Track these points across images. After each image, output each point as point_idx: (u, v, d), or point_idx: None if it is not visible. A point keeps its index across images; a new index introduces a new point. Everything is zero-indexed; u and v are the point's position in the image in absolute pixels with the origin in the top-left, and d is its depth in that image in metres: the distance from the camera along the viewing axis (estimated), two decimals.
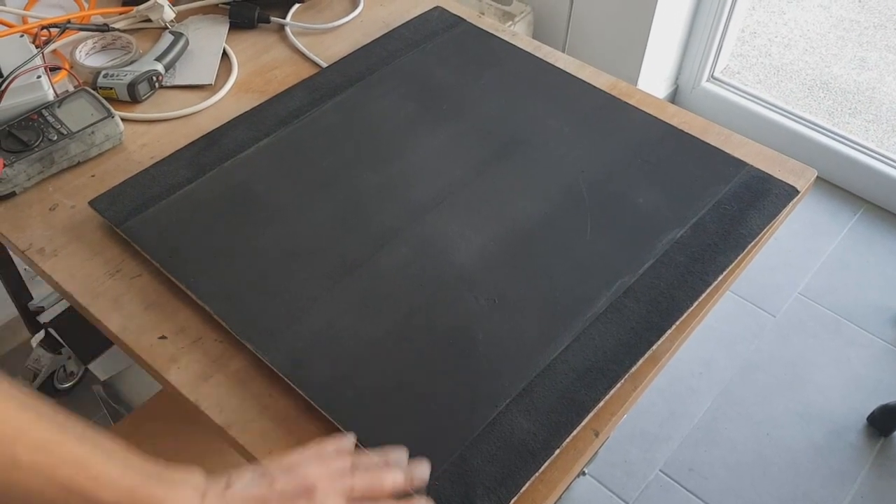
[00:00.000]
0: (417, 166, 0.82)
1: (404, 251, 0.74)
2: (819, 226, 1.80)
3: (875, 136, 2.06)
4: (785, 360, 1.54)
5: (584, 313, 0.69)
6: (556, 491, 0.60)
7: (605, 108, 0.89)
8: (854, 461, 1.39)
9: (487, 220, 0.77)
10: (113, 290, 0.72)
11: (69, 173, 0.83)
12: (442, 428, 0.61)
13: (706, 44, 1.87)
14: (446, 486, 0.58)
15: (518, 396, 0.63)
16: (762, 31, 2.40)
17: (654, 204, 0.78)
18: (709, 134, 0.88)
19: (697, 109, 1.98)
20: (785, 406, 1.47)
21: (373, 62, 0.95)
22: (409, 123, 0.87)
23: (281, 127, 0.86)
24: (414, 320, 0.68)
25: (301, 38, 1.02)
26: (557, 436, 0.61)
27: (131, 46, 0.96)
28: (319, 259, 0.73)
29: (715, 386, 1.50)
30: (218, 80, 0.95)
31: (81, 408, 1.44)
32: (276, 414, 0.64)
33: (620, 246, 0.74)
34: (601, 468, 1.38)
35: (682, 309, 0.69)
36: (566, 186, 0.80)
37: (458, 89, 0.91)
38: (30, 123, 0.81)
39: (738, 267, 0.75)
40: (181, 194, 0.79)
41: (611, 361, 0.65)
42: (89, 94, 0.86)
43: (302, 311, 0.69)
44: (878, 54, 2.33)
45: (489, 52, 0.96)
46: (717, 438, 1.42)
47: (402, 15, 1.05)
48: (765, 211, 0.78)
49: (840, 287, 1.67)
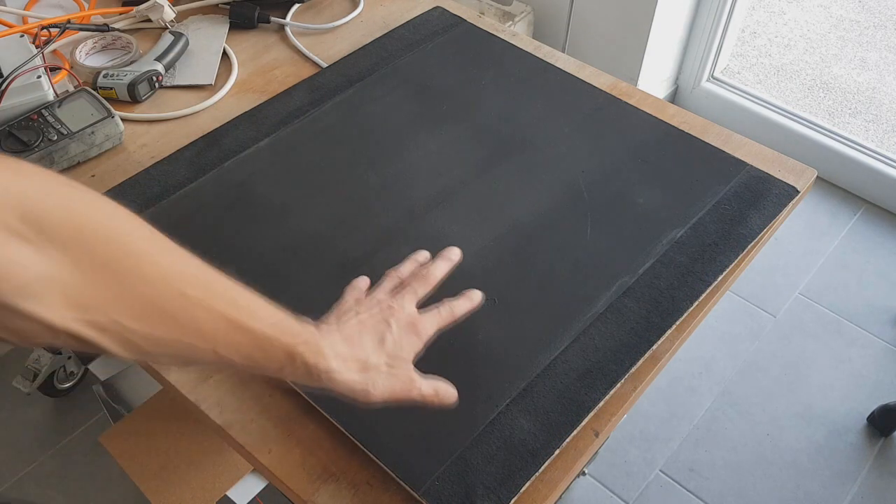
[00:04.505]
0: (417, 166, 0.82)
1: (404, 251, 0.73)
2: (819, 226, 1.80)
3: (875, 136, 2.06)
4: (785, 360, 1.54)
5: (584, 313, 0.69)
6: (556, 491, 0.60)
7: (606, 108, 0.89)
8: (854, 461, 1.40)
9: (487, 220, 0.77)
10: None
11: (69, 173, 0.83)
12: (442, 428, 0.61)
13: (706, 44, 1.87)
14: (446, 486, 0.58)
15: (518, 396, 0.63)
16: (762, 31, 2.40)
17: (654, 204, 0.78)
18: (709, 134, 0.88)
19: (697, 109, 1.98)
20: (785, 406, 1.47)
21: (373, 62, 0.95)
22: (409, 123, 0.87)
23: (281, 127, 0.86)
24: None
25: (301, 38, 1.02)
26: (557, 436, 0.61)
27: (131, 46, 0.96)
28: (320, 259, 0.73)
29: (715, 386, 1.50)
30: (218, 81, 0.95)
31: (81, 408, 1.44)
32: (276, 414, 0.64)
33: (620, 246, 0.74)
34: (601, 468, 1.38)
35: (682, 309, 0.69)
36: (566, 186, 0.80)
37: (458, 89, 0.91)
38: (30, 123, 0.81)
39: (737, 267, 0.75)
40: (181, 194, 0.79)
41: (611, 361, 0.65)
42: (89, 94, 0.86)
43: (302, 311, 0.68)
44: (878, 54, 2.33)
45: (489, 52, 0.96)
46: (717, 438, 1.42)
47: (402, 15, 1.05)
48: (765, 211, 0.78)
49: (840, 287, 1.67)
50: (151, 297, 0.41)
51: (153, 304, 0.41)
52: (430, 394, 0.55)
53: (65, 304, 0.37)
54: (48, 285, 0.36)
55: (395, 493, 0.59)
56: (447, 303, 0.59)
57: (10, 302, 0.35)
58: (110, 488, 1.33)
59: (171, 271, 0.42)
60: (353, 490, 0.59)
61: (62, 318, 0.37)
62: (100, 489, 1.34)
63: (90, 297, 0.38)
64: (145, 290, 0.40)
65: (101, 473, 1.35)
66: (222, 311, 0.44)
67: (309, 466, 0.61)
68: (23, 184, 0.36)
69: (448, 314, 0.59)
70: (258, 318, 0.46)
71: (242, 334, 0.45)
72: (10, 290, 0.35)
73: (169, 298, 0.41)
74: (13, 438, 1.41)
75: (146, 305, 0.40)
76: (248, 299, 0.47)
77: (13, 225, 0.35)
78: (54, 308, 0.37)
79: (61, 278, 0.37)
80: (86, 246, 0.38)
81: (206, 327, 0.43)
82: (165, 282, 0.42)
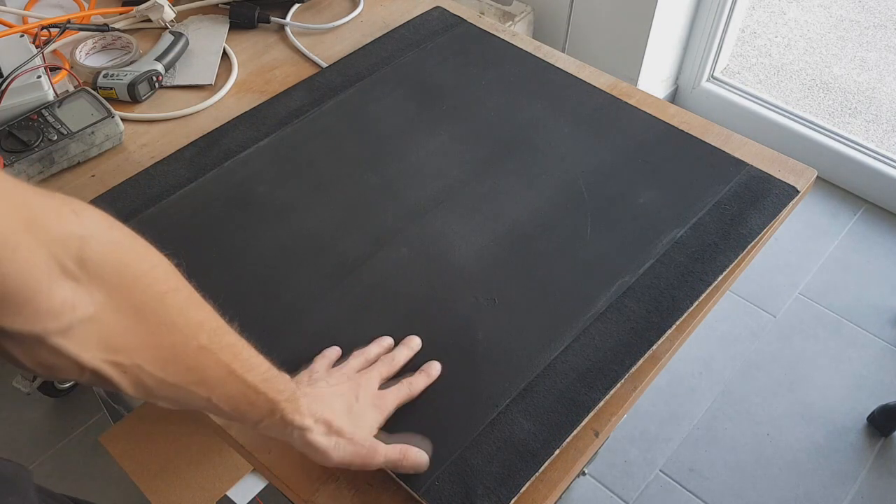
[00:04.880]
0: (417, 166, 0.82)
1: (404, 251, 0.74)
2: (819, 226, 1.80)
3: (875, 136, 2.06)
4: (785, 360, 1.54)
5: (584, 313, 0.69)
6: (556, 491, 0.60)
7: (606, 108, 0.89)
8: (854, 461, 1.40)
9: (487, 220, 0.77)
10: None
11: (69, 173, 0.83)
12: (442, 428, 0.61)
13: (706, 44, 1.87)
14: (446, 486, 0.58)
15: (518, 396, 0.63)
16: (762, 31, 2.40)
17: (654, 204, 0.78)
18: (709, 134, 0.88)
19: (697, 109, 1.98)
20: (785, 406, 1.47)
21: (373, 62, 0.95)
22: (409, 123, 0.87)
23: (281, 127, 0.86)
24: (414, 320, 0.68)
25: (301, 38, 1.02)
26: (557, 436, 0.61)
27: (131, 46, 0.96)
28: (320, 259, 0.73)
29: (715, 386, 1.50)
30: (218, 81, 0.95)
31: (81, 408, 1.45)
32: None
33: (620, 246, 0.74)
34: (601, 468, 1.38)
35: (682, 309, 0.69)
36: (566, 186, 0.80)
37: (458, 89, 0.91)
38: (30, 123, 0.81)
39: (738, 267, 0.75)
40: (181, 194, 0.79)
41: (611, 361, 0.65)
42: (89, 94, 0.86)
43: (302, 311, 0.69)
44: (878, 54, 2.33)
45: (489, 52, 0.96)
46: (717, 438, 1.42)
47: (402, 15, 1.05)
48: (765, 211, 0.78)
49: (840, 287, 1.67)
50: (174, 344, 0.43)
51: (174, 351, 0.43)
52: (397, 457, 0.57)
53: (98, 345, 0.39)
54: (89, 326, 0.38)
55: (395, 493, 0.59)
56: (406, 380, 0.62)
57: (53, 340, 0.37)
58: (110, 488, 1.33)
59: (194, 321, 0.44)
60: (353, 490, 0.59)
61: (92, 358, 0.39)
62: (100, 489, 1.34)
63: (122, 340, 0.40)
64: (170, 339, 0.43)
65: (101, 473, 1.35)
66: (227, 363, 0.46)
67: (309, 466, 0.61)
68: (82, 226, 0.38)
69: (406, 391, 0.61)
70: (254, 371, 0.48)
71: (238, 385, 0.47)
72: (56, 329, 0.37)
73: (189, 348, 0.44)
74: (13, 438, 1.41)
75: (167, 352, 0.42)
76: (247, 351, 0.49)
77: (69, 267, 0.36)
78: (89, 348, 0.39)
79: (101, 320, 0.39)
80: (127, 291, 0.40)
81: (210, 376, 0.45)
82: (189, 332, 0.44)
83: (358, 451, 0.55)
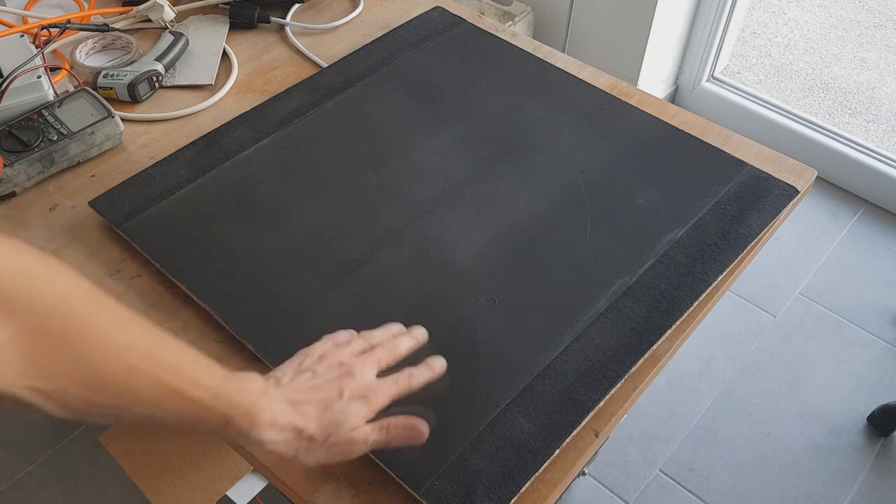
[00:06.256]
0: (417, 166, 0.82)
1: (404, 251, 0.74)
2: (819, 226, 1.80)
3: (875, 136, 2.06)
4: (785, 360, 1.54)
5: (584, 313, 0.69)
6: (556, 491, 0.60)
7: (605, 108, 0.89)
8: (854, 461, 1.40)
9: (487, 220, 0.77)
10: (113, 290, 0.72)
11: (69, 173, 0.83)
12: (442, 428, 0.61)
13: (706, 44, 1.87)
14: (446, 485, 0.58)
15: (518, 396, 0.63)
16: (762, 31, 2.40)
17: (654, 204, 0.78)
18: (709, 134, 0.88)
19: (697, 109, 1.98)
20: (785, 406, 1.47)
21: (373, 62, 0.95)
22: (409, 123, 0.87)
23: (281, 127, 0.86)
24: (414, 320, 0.68)
25: (301, 38, 1.02)
26: (557, 436, 0.61)
27: (131, 46, 0.96)
28: (320, 259, 0.73)
29: (715, 386, 1.50)
30: (218, 81, 0.95)
31: None
32: None
33: (620, 246, 0.74)
34: (601, 468, 1.38)
35: (682, 309, 0.69)
36: (566, 186, 0.80)
37: (458, 89, 0.91)
38: (30, 123, 0.81)
39: (738, 267, 0.75)
40: (181, 194, 0.79)
41: (611, 361, 0.65)
42: (89, 94, 0.86)
43: (302, 310, 0.69)
44: (878, 54, 2.33)
45: (489, 52, 0.96)
46: (717, 438, 1.42)
47: (402, 15, 1.05)
48: (765, 211, 0.78)
49: (840, 287, 1.67)
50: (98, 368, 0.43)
51: (99, 375, 0.43)
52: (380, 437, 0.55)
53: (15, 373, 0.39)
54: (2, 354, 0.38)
55: (395, 493, 0.59)
56: (407, 371, 0.59)
57: None
58: (110, 488, 1.33)
59: (119, 344, 0.44)
60: (353, 490, 0.59)
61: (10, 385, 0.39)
62: (100, 489, 1.34)
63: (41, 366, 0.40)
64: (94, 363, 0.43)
65: (101, 473, 1.35)
66: (166, 381, 0.46)
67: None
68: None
69: (406, 384, 0.58)
70: (201, 387, 0.47)
71: (182, 402, 0.47)
72: None
73: (115, 371, 0.44)
74: (13, 438, 1.41)
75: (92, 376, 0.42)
76: (193, 367, 0.48)
77: None
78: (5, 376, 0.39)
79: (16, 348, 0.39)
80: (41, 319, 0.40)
81: (147, 395, 0.45)
82: (113, 355, 0.43)
83: (332, 452, 0.54)
